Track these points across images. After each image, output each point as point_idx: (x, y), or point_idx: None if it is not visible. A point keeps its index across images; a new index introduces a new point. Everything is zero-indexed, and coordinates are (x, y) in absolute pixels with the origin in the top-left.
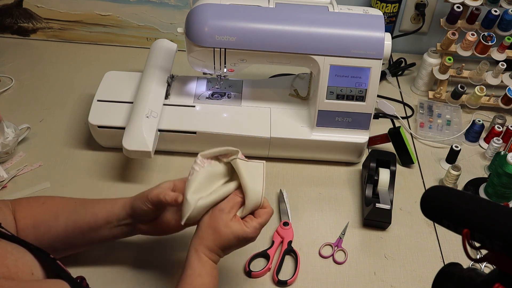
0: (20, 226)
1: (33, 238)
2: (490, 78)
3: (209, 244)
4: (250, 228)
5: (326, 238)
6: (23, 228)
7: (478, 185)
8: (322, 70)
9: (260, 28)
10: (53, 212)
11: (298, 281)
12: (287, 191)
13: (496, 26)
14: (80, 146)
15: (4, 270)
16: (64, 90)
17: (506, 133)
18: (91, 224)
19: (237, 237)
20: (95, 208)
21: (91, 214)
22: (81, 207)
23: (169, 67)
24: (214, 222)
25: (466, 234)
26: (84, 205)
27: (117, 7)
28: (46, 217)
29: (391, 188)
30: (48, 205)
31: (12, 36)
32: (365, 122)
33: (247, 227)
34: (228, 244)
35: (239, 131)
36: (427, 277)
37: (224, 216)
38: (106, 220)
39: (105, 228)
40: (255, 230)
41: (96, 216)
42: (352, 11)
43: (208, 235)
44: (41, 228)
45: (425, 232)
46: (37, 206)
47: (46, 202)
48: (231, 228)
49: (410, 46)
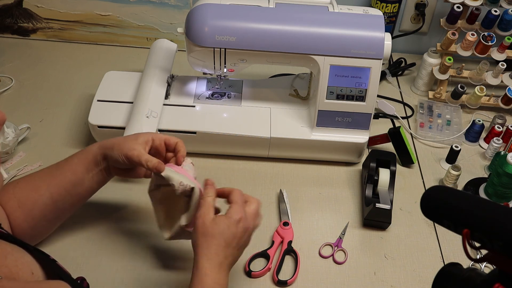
0: (8, 210)
1: (23, 217)
2: (490, 78)
3: (207, 251)
4: (234, 213)
5: (326, 238)
6: (10, 212)
7: (478, 185)
8: (322, 70)
9: (260, 28)
10: (32, 185)
11: (298, 281)
12: (287, 191)
13: (496, 26)
14: (80, 146)
15: (5, 270)
16: (64, 90)
17: (506, 133)
18: (73, 180)
19: (228, 228)
20: (71, 165)
21: (70, 172)
22: (56, 170)
23: (169, 67)
24: (202, 229)
25: (466, 234)
26: (58, 167)
27: (117, 7)
28: (26, 192)
29: (391, 188)
30: (23, 182)
31: (12, 36)
32: (365, 122)
33: (231, 213)
34: (226, 240)
35: (239, 131)
36: (427, 277)
37: (206, 219)
38: (86, 170)
39: (87, 179)
40: (239, 212)
41: (75, 171)
42: (352, 11)
43: (202, 242)
44: (27, 204)
45: (425, 232)
46: (13, 186)
47: (20, 181)
48: (218, 224)
49: (410, 46)
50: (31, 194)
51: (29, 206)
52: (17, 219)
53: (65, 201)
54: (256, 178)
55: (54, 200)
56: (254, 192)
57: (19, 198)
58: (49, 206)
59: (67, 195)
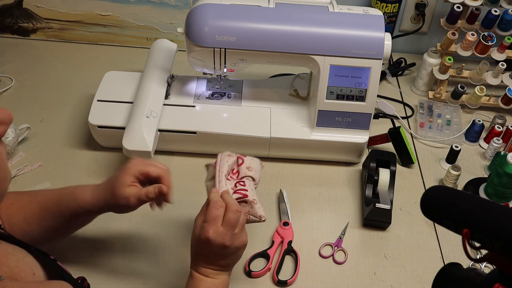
0: (12, 221)
1: (21, 232)
2: (490, 78)
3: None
4: (204, 231)
5: (326, 238)
6: (14, 223)
7: (478, 185)
8: (322, 70)
9: (260, 28)
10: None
11: (298, 281)
12: (287, 191)
13: (496, 26)
14: (80, 146)
15: (6, 270)
16: (64, 90)
17: (506, 133)
18: (76, 211)
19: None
20: (78, 196)
21: (74, 202)
22: (63, 201)
23: (169, 67)
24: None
25: (466, 234)
26: (66, 196)
27: (117, 7)
28: (35, 211)
29: (391, 188)
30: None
31: (12, 36)
32: (365, 122)
33: (201, 231)
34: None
35: (239, 131)
36: (427, 277)
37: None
38: (90, 206)
39: (90, 215)
40: (206, 229)
41: (78, 205)
42: (352, 11)
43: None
44: (32, 223)
45: (425, 232)
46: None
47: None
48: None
49: (410, 46)
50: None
51: (33, 225)
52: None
53: (64, 228)
54: None
55: (55, 228)
56: None
57: (26, 217)
58: (50, 230)
59: (65, 224)
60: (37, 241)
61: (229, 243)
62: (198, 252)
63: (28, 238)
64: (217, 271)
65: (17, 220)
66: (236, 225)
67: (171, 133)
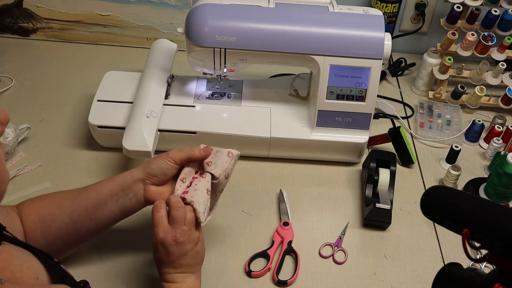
0: (27, 224)
1: (41, 232)
2: (490, 78)
3: (160, 270)
4: (155, 235)
5: (326, 238)
6: (30, 226)
7: (478, 185)
8: (322, 70)
9: (260, 28)
10: (56, 202)
11: (298, 281)
12: (287, 191)
13: (496, 26)
14: (80, 146)
15: (8, 274)
16: (64, 90)
17: (506, 133)
18: (95, 200)
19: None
20: (98, 185)
21: (94, 192)
22: (84, 190)
23: (169, 67)
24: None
25: (466, 234)
26: (86, 187)
27: (117, 7)
28: (49, 207)
29: (391, 188)
30: (51, 198)
31: (12, 36)
32: (365, 122)
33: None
34: (164, 260)
35: (239, 131)
36: (427, 277)
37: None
38: (110, 193)
39: (110, 203)
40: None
41: (99, 192)
42: (352, 11)
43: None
44: (47, 219)
45: (425, 232)
46: (40, 200)
47: (49, 196)
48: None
49: (410, 46)
50: (53, 210)
51: (48, 221)
52: (35, 232)
53: (84, 224)
54: (256, 178)
55: (73, 220)
56: (254, 192)
57: (42, 212)
58: (68, 225)
59: (86, 217)
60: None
61: (182, 239)
62: (158, 259)
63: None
64: (182, 274)
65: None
66: (182, 221)
67: (171, 133)
